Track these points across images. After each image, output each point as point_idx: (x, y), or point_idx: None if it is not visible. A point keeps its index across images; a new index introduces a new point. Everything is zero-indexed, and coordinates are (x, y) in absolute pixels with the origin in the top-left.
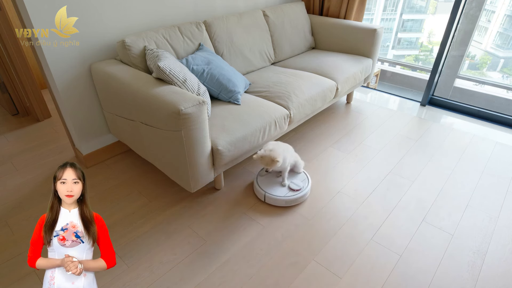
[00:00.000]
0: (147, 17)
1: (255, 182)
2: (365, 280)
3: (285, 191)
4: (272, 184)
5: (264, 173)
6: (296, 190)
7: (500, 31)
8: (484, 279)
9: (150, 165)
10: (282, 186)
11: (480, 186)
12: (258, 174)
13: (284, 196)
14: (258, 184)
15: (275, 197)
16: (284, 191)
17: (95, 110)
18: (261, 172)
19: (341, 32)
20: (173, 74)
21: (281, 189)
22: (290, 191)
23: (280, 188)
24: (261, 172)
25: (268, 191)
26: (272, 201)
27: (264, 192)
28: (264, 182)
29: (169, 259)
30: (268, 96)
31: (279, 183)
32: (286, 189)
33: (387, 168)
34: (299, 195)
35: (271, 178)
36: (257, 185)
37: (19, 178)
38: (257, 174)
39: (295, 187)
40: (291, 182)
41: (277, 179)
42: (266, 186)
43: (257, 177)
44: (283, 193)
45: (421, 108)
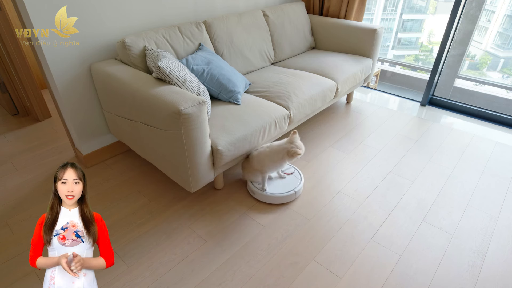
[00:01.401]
0: (147, 17)
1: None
2: (365, 280)
3: (278, 188)
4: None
5: (264, 188)
6: (291, 173)
7: (500, 31)
8: (484, 279)
9: (150, 165)
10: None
11: (480, 186)
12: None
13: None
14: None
15: (271, 194)
16: (278, 188)
17: (95, 110)
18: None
19: (341, 32)
20: (173, 74)
21: (275, 186)
22: (285, 175)
23: (274, 186)
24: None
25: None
26: (266, 198)
27: (258, 190)
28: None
29: (169, 259)
30: (268, 96)
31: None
32: (279, 179)
33: (387, 168)
34: (301, 184)
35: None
36: (252, 185)
37: (19, 178)
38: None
39: (289, 171)
40: (283, 170)
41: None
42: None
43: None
44: (277, 190)
45: (421, 108)
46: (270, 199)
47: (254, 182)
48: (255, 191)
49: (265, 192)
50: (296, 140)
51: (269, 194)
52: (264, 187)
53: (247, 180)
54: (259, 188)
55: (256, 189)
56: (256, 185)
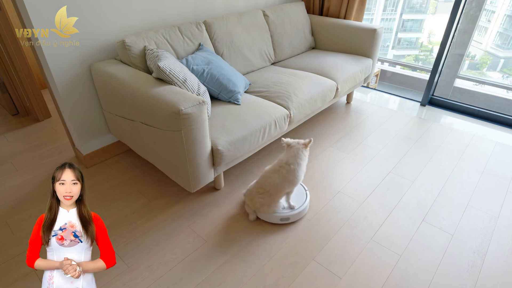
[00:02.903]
0: (147, 17)
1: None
2: (365, 280)
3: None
4: None
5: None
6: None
7: (500, 31)
8: (484, 279)
9: (150, 165)
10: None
11: (480, 186)
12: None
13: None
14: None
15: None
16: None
17: (95, 110)
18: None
19: (341, 32)
20: (173, 74)
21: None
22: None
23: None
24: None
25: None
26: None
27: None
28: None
29: (169, 259)
30: (268, 96)
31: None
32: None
33: (387, 168)
34: (297, 210)
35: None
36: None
37: (19, 178)
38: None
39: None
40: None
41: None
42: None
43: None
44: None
45: (421, 108)
46: (301, 214)
47: (277, 211)
48: (288, 216)
49: (296, 208)
50: (290, 140)
51: (299, 208)
52: (292, 204)
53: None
54: (286, 211)
55: (287, 213)
56: (281, 209)
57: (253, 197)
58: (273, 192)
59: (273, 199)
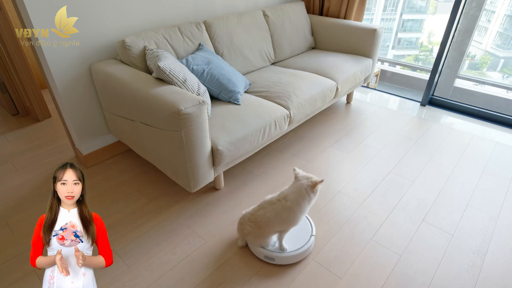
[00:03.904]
0: (147, 17)
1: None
2: (365, 280)
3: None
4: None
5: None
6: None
7: (500, 31)
8: (484, 279)
9: (150, 165)
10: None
11: (480, 186)
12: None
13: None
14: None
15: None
16: (289, 242)
17: (95, 110)
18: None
19: (341, 32)
20: (173, 74)
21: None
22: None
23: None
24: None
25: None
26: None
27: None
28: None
29: (169, 259)
30: (268, 96)
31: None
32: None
33: (387, 168)
34: (287, 254)
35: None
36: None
37: (19, 178)
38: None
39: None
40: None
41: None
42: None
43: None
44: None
45: (421, 108)
46: (290, 259)
47: (265, 247)
48: (274, 256)
49: (286, 252)
50: (301, 173)
51: (290, 252)
52: (283, 246)
53: (254, 247)
54: (275, 249)
55: (274, 253)
56: (270, 248)
57: (244, 222)
58: (262, 225)
59: (261, 233)
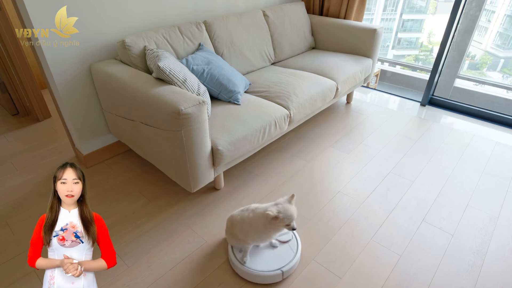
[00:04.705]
0: (147, 17)
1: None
2: (365, 280)
3: (267, 266)
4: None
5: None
6: (287, 241)
7: (500, 31)
8: (484, 279)
9: (150, 165)
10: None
11: (480, 186)
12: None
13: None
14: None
15: (258, 272)
16: (263, 262)
17: (95, 110)
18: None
19: (341, 32)
20: (173, 74)
21: (262, 261)
22: (280, 244)
23: (261, 260)
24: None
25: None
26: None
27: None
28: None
29: (169, 259)
30: (268, 96)
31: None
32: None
33: (387, 168)
34: (295, 260)
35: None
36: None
37: (19, 178)
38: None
39: (285, 238)
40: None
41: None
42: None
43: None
44: (266, 266)
45: (421, 108)
46: (249, 276)
47: (235, 248)
48: (234, 263)
49: (243, 266)
50: (284, 202)
51: (248, 269)
52: (245, 258)
53: (229, 245)
54: (240, 258)
55: (236, 260)
56: (238, 253)
57: (228, 219)
58: (233, 224)
59: (231, 232)
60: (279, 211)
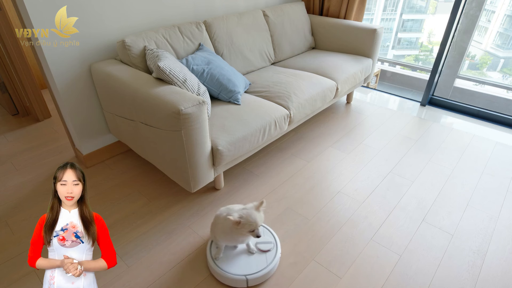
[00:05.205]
0: (147, 17)
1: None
2: (365, 280)
3: (245, 269)
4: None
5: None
6: (267, 251)
7: (500, 31)
8: (484, 279)
9: (150, 165)
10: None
11: (480, 186)
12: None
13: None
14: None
15: (232, 276)
16: (235, 264)
17: (95, 110)
18: (216, 255)
19: (341, 32)
20: (173, 74)
21: (239, 263)
22: (260, 253)
23: (239, 262)
24: (216, 255)
25: (224, 267)
26: (229, 281)
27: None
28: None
29: (169, 259)
30: (268, 96)
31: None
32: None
33: (387, 168)
34: (263, 272)
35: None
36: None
37: (19, 178)
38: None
39: (265, 247)
40: (257, 243)
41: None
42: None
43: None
44: (242, 269)
45: (421, 108)
46: (215, 274)
47: (214, 244)
48: (207, 257)
49: (213, 262)
50: (250, 208)
51: (216, 267)
52: (217, 255)
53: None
54: (213, 254)
55: (210, 255)
56: (214, 248)
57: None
58: (212, 221)
59: (211, 227)
60: (241, 216)
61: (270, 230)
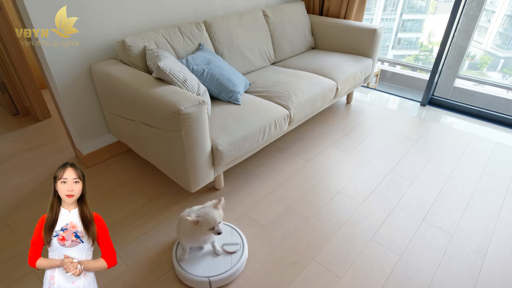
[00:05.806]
0: (147, 17)
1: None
2: (365, 280)
3: (208, 270)
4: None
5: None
6: (232, 252)
7: (500, 31)
8: (484, 279)
9: (150, 165)
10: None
11: (480, 186)
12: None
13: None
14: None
15: (195, 277)
16: (200, 266)
17: (95, 110)
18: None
19: (341, 32)
20: (173, 74)
21: (203, 264)
22: (226, 255)
23: (203, 263)
24: (181, 257)
25: (187, 268)
26: (192, 283)
27: (184, 271)
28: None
29: (169, 259)
30: (268, 96)
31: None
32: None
33: (387, 168)
34: (227, 273)
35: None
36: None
37: (19, 178)
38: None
39: (231, 249)
40: (224, 244)
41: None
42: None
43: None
44: (205, 271)
45: (421, 108)
46: (179, 275)
47: (180, 245)
48: (173, 258)
49: (177, 263)
50: (208, 206)
51: (180, 268)
52: (182, 256)
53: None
54: (179, 255)
55: (175, 256)
56: (180, 249)
57: None
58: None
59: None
60: (198, 215)
61: (239, 232)
